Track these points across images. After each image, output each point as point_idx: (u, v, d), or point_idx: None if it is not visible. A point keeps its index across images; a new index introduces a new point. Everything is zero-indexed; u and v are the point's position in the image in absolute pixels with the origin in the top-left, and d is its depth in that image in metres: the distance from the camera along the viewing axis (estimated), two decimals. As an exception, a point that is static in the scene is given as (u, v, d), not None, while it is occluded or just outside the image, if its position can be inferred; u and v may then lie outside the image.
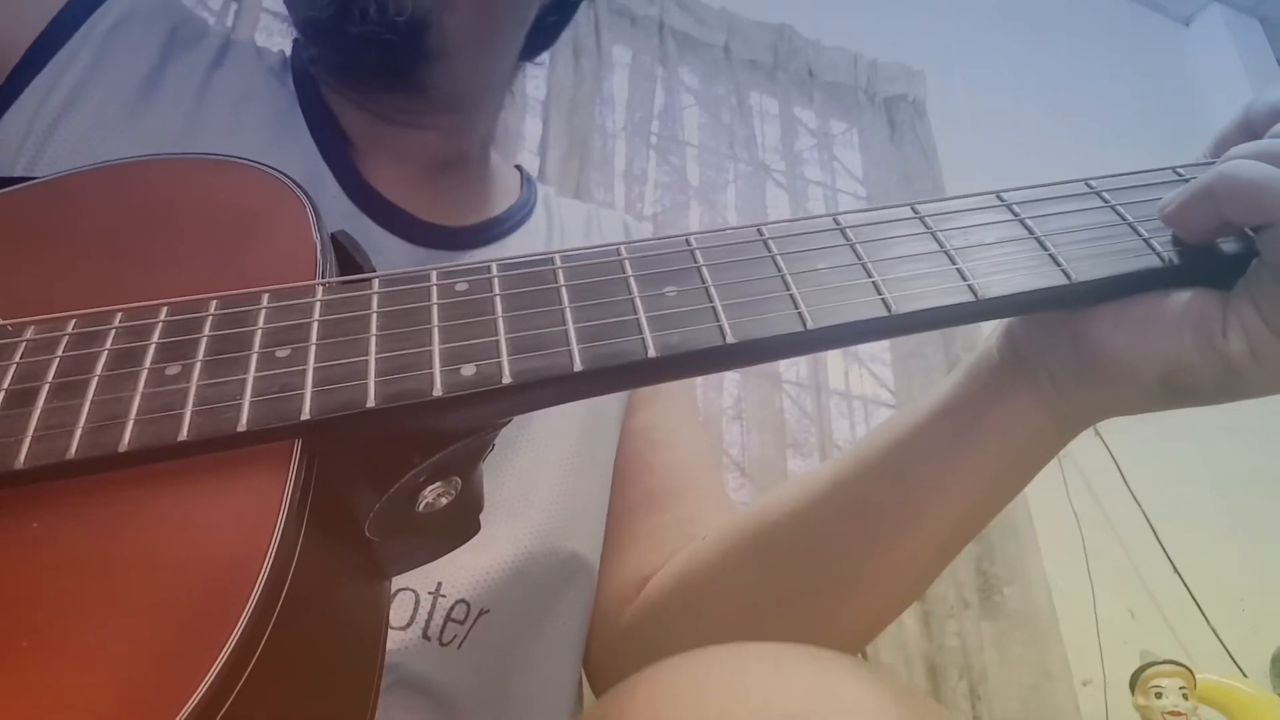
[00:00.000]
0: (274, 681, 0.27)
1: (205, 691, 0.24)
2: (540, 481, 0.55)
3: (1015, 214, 0.36)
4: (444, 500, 0.35)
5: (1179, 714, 1.41)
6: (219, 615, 0.26)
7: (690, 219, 2.02)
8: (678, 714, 0.32)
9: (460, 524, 0.37)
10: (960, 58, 2.48)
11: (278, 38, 1.75)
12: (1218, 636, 1.76)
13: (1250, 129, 0.39)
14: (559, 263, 0.35)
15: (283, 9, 2.00)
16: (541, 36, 0.64)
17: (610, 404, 0.63)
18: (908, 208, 0.36)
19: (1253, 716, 1.43)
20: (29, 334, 0.33)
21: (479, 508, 0.37)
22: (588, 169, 1.87)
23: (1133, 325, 0.37)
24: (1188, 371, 0.36)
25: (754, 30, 2.24)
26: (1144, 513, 1.86)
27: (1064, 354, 0.40)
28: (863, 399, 1.99)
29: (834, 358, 1.88)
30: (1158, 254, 0.35)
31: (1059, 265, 0.34)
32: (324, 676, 0.33)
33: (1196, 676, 1.44)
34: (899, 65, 2.33)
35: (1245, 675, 1.58)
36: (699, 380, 1.48)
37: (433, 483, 0.34)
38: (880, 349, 1.96)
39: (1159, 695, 1.43)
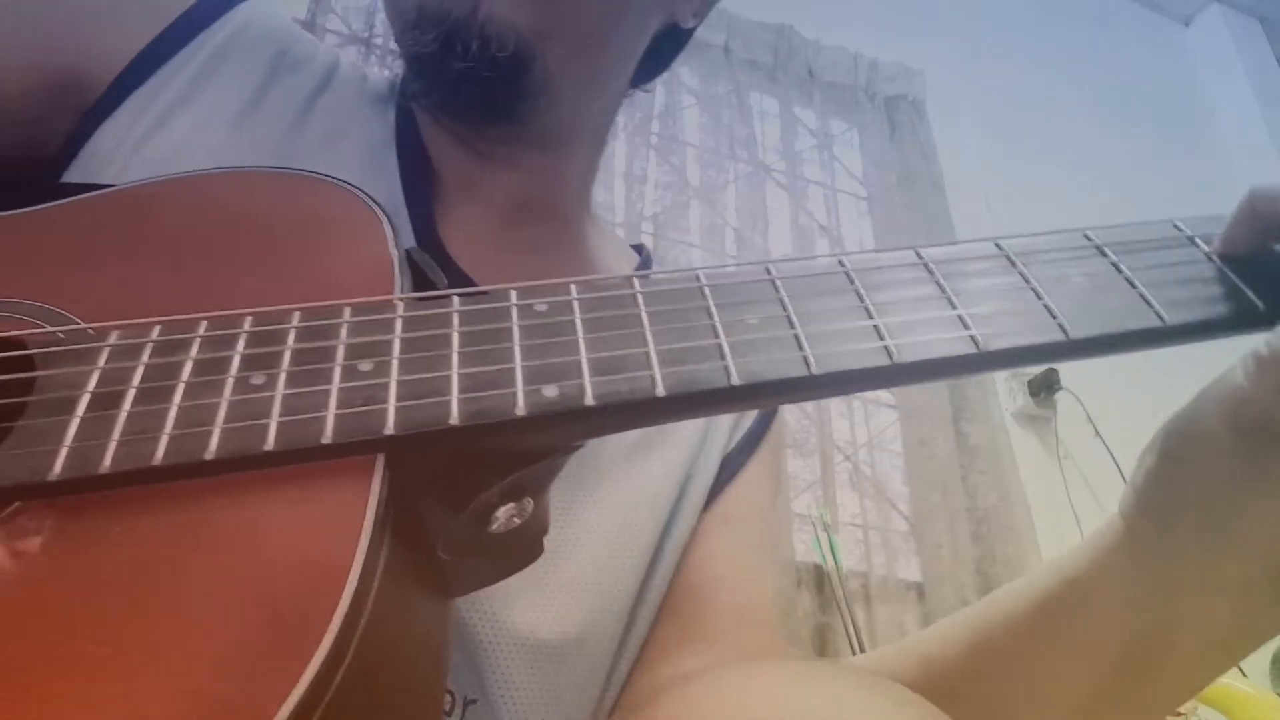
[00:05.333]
0: (357, 697, 0.27)
1: (295, 706, 0.24)
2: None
3: (1105, 254, 0.36)
4: (516, 521, 0.34)
5: (1179, 714, 1.42)
6: (304, 628, 0.26)
7: (690, 219, 2.03)
8: None
9: (526, 547, 0.37)
10: (960, 58, 2.49)
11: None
12: (1216, 636, 1.77)
13: (1257, 215, 0.37)
14: (638, 287, 0.35)
15: (291, 10, 1.98)
16: (654, 63, 0.61)
17: (651, 524, 0.56)
18: (991, 243, 0.36)
19: (1253, 716, 1.44)
20: (113, 339, 0.33)
21: (544, 531, 0.37)
22: (589, 168, 1.87)
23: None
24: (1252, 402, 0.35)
25: (754, 30, 2.24)
26: (1143, 513, 1.87)
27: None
28: (863, 399, 2.00)
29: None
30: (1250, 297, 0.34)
31: (1152, 308, 0.33)
32: (399, 694, 0.33)
33: (1198, 676, 1.45)
34: (899, 65, 2.34)
35: (1245, 675, 1.59)
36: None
37: (506, 503, 0.34)
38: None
39: (1159, 695, 1.44)
